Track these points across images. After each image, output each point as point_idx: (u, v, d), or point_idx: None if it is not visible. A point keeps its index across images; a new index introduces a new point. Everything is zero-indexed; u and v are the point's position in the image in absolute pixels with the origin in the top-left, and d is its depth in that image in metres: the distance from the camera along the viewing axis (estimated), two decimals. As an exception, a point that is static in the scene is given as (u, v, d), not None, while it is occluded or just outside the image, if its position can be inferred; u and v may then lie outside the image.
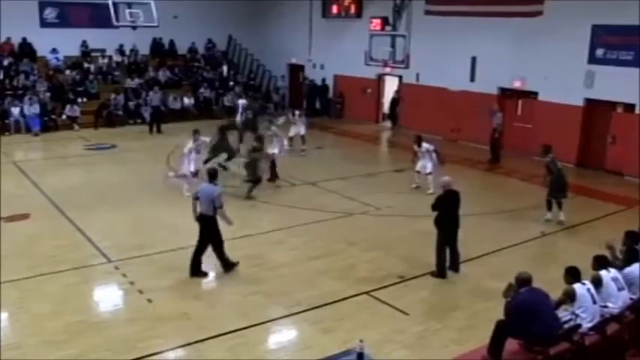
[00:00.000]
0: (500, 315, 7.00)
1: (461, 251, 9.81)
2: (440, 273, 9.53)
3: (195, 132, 13.73)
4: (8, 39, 23.48)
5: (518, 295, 6.55)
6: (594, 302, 6.78)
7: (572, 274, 6.93)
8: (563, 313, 6.80)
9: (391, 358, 7.16)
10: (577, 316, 6.68)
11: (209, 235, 9.26)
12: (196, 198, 9.29)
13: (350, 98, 25.28)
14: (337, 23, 25.17)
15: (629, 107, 16.54)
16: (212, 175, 9.49)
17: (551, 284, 7.01)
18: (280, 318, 8.15)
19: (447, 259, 9.62)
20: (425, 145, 14.29)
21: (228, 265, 9.51)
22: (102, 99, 22.97)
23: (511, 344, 6.61)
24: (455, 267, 9.72)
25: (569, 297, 6.75)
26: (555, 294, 6.87)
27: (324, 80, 25.95)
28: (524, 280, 6.59)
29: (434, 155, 14.19)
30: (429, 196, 11.77)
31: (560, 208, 12.34)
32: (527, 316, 6.40)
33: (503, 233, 11.67)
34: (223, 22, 27.17)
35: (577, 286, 6.77)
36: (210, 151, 15.06)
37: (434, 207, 9.54)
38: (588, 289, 6.81)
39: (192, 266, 9.32)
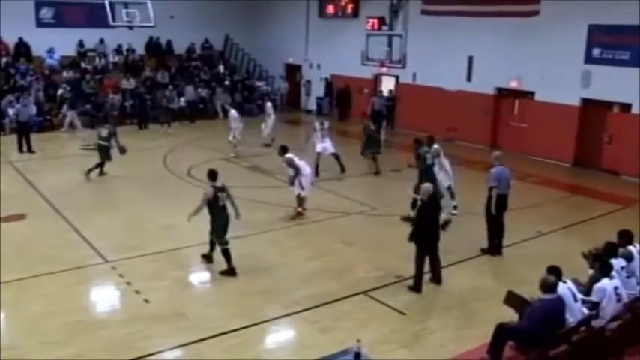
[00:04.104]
0: (498, 313, 7.03)
1: (456, 252, 9.80)
2: (417, 286, 9.03)
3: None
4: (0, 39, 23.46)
5: (543, 300, 6.53)
6: (575, 300, 6.81)
7: (554, 273, 6.84)
8: None
9: (389, 358, 7.16)
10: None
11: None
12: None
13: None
14: (334, 23, 25.18)
15: (626, 107, 16.60)
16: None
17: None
18: (278, 318, 8.15)
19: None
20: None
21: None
22: (98, 99, 22.92)
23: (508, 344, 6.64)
24: (438, 278, 9.29)
25: None
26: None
27: (326, 79, 26.04)
28: (550, 286, 6.54)
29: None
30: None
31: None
32: (549, 325, 6.38)
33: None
34: (220, 22, 27.16)
35: (559, 285, 6.71)
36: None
37: (416, 217, 9.18)
38: (569, 288, 6.85)
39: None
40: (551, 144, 18.00)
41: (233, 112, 18.00)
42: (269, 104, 20.09)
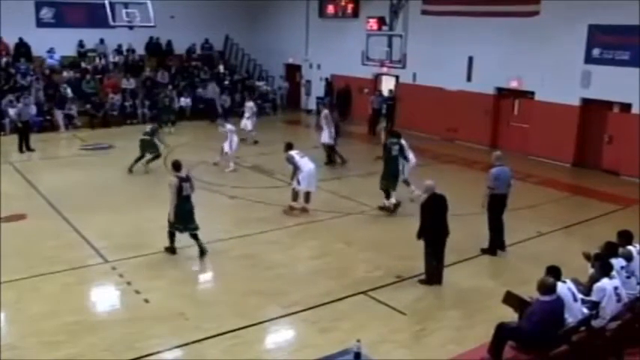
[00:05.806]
0: (498, 313, 7.02)
1: (456, 252, 9.77)
2: (428, 280, 9.21)
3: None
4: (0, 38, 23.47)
5: (542, 302, 6.52)
6: (575, 300, 6.81)
7: (554, 273, 6.83)
8: None
9: (389, 358, 7.16)
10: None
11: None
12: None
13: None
14: (334, 23, 25.18)
15: (626, 107, 16.60)
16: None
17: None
18: (277, 318, 8.15)
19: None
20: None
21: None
22: (98, 99, 22.94)
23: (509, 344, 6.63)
24: (438, 278, 9.28)
25: None
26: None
27: (326, 79, 26.05)
28: (549, 287, 6.52)
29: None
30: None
31: (387, 197, 12.71)
32: (548, 326, 6.39)
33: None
34: (220, 22, 27.16)
35: (558, 285, 6.71)
36: None
37: (420, 215, 9.13)
38: (569, 288, 6.85)
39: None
40: (551, 144, 18.00)
41: (230, 127, 16.59)
42: (251, 103, 20.26)
